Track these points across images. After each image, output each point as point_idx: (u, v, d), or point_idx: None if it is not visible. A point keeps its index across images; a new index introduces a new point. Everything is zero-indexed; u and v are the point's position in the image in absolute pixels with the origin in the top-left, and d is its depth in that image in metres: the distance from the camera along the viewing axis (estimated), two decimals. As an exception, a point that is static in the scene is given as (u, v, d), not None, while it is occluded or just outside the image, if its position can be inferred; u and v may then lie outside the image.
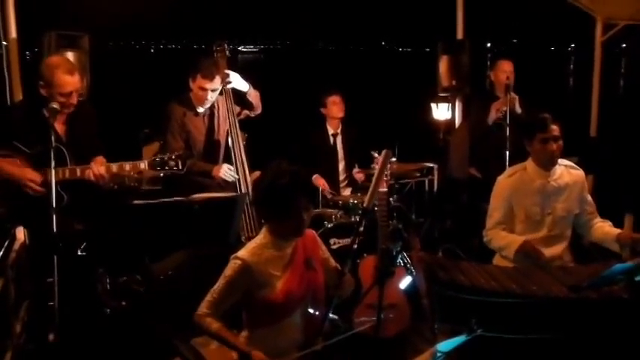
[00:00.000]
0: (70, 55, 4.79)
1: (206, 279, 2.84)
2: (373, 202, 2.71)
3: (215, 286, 2.68)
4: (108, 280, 4.43)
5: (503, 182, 3.88)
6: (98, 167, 3.72)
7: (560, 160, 3.84)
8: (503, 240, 3.76)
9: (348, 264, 2.73)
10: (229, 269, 2.67)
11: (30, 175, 3.65)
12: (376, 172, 2.68)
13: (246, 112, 4.70)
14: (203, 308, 2.67)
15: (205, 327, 2.65)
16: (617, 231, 3.72)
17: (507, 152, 4.83)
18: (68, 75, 3.71)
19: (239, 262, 2.66)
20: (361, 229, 4.26)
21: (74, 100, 3.77)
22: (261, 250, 2.71)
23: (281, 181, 2.65)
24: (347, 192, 5.64)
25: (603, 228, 3.79)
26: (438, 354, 1.93)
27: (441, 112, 6.61)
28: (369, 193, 2.66)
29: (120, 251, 4.23)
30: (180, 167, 3.80)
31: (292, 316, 2.73)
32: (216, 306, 2.66)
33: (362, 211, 2.71)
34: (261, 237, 2.76)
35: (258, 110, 4.76)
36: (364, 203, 2.69)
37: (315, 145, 5.69)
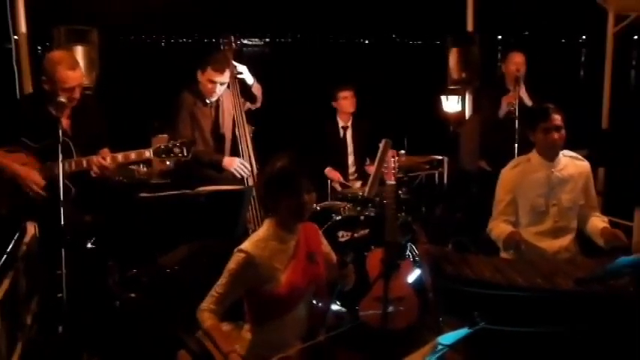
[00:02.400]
0: (79, 50, 4.84)
1: (212, 272, 2.85)
2: (374, 191, 2.71)
3: (219, 281, 2.67)
4: (117, 273, 4.46)
5: (507, 174, 3.88)
6: (99, 158, 3.74)
7: (565, 152, 3.82)
8: (498, 230, 3.76)
9: (350, 255, 2.74)
10: (233, 262, 2.66)
11: (34, 177, 3.67)
12: (376, 161, 2.69)
13: (248, 104, 4.77)
14: (207, 303, 2.65)
15: (201, 321, 2.63)
16: (603, 225, 3.73)
17: (516, 145, 4.82)
18: (70, 70, 3.70)
19: (243, 254, 2.65)
20: (362, 218, 4.28)
21: (77, 94, 3.77)
22: (265, 243, 2.71)
23: (279, 163, 2.69)
24: (357, 185, 5.64)
25: (595, 222, 3.78)
26: (440, 346, 1.93)
27: (451, 104, 6.60)
28: (369, 182, 2.68)
29: (129, 244, 4.26)
30: (185, 154, 3.82)
31: (296, 309, 2.73)
32: (220, 301, 2.64)
33: (362, 200, 2.72)
34: (264, 229, 2.76)
35: (259, 104, 4.83)
36: (365, 193, 2.71)
37: (325, 138, 5.73)
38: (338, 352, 2.77)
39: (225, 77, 4.43)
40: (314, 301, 2.77)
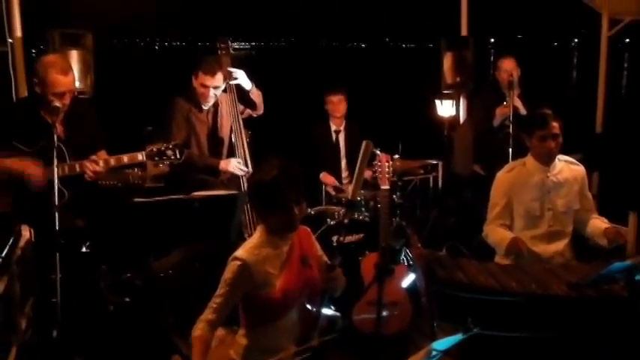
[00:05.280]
0: (74, 54, 4.82)
1: (206, 276, 2.85)
2: (357, 195, 2.70)
3: (217, 291, 2.65)
4: (111, 277, 4.45)
5: (502, 177, 3.88)
6: (91, 162, 3.72)
7: (560, 156, 3.83)
8: (497, 236, 3.75)
9: (338, 258, 2.73)
10: (229, 271, 2.65)
11: (31, 170, 3.67)
12: (358, 163, 2.68)
13: (248, 111, 4.72)
14: (205, 314, 2.63)
15: (192, 330, 2.61)
16: (606, 225, 3.73)
17: (510, 149, 4.83)
18: (62, 75, 3.69)
19: (238, 262, 2.65)
20: (346, 221, 4.32)
21: (67, 100, 3.74)
22: (259, 250, 2.70)
23: (270, 175, 2.64)
24: (350, 189, 5.64)
25: (595, 223, 3.79)
26: (434, 352, 1.93)
27: (445, 108, 6.60)
28: (352, 185, 2.68)
29: (123, 248, 4.25)
30: (178, 156, 3.82)
31: (290, 313, 2.73)
32: (218, 311, 2.62)
33: (346, 203, 2.73)
34: (257, 236, 2.76)
35: (261, 110, 4.77)
36: (349, 195, 2.70)
37: (318, 142, 5.73)
38: (331, 357, 2.77)
39: (217, 80, 4.40)
40: (308, 306, 2.77)
